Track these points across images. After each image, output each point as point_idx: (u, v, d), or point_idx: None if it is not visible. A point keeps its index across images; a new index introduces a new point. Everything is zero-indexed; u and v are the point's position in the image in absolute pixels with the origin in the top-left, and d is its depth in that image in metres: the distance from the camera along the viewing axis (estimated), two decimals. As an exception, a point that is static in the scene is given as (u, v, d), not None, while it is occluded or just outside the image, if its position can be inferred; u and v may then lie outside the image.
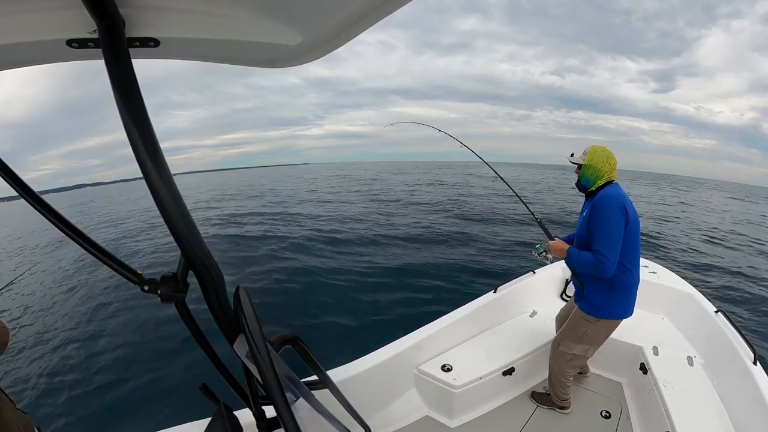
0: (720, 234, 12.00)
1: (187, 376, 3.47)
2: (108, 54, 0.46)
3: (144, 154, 0.47)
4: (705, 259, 8.33)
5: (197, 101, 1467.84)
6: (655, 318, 2.77)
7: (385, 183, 27.40)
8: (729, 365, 2.08)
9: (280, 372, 0.63)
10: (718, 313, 2.48)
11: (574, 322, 2.06)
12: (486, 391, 2.24)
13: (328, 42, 0.62)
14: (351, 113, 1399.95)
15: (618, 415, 2.20)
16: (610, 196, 1.80)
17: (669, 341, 2.47)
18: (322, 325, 4.64)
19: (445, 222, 10.87)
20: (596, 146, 1.91)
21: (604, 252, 1.73)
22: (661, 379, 2.04)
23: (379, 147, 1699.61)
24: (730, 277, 7.09)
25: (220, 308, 0.64)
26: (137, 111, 0.47)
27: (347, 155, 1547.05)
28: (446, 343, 2.41)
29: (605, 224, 1.76)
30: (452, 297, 4.92)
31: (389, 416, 2.08)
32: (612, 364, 2.52)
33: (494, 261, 7.15)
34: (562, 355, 2.10)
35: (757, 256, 9.14)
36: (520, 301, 2.95)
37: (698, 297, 2.76)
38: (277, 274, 6.60)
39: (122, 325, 4.99)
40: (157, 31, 0.53)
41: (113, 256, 0.54)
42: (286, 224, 11.59)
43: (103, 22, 0.45)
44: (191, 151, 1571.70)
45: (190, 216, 0.55)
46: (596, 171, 1.86)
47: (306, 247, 8.43)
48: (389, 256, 7.58)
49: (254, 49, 0.63)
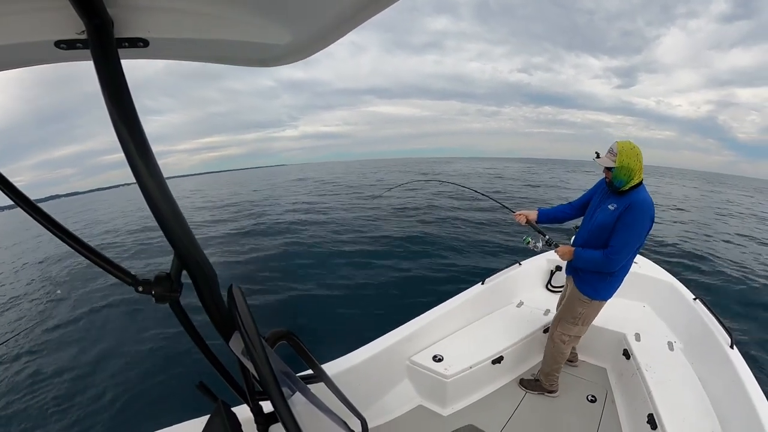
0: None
1: (184, 375, 3.46)
2: (97, 55, 0.45)
3: (135, 154, 0.47)
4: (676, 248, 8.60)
5: (171, 106, 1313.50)
6: (637, 306, 2.87)
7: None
8: (708, 349, 2.16)
9: (276, 367, 0.64)
10: (696, 300, 2.57)
11: (571, 302, 2.14)
12: (476, 380, 2.29)
13: (318, 41, 0.62)
14: (325, 114, 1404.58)
15: (603, 399, 2.29)
16: (648, 204, 1.78)
17: (650, 328, 2.56)
18: (318, 318, 4.67)
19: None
20: (623, 143, 1.79)
21: (620, 251, 1.81)
22: (643, 364, 2.13)
23: (355, 146, 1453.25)
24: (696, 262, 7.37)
25: (215, 306, 0.65)
26: (127, 112, 0.46)
27: (324, 155, 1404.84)
28: (437, 334, 2.46)
29: (635, 229, 1.79)
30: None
31: (384, 407, 2.12)
32: (597, 350, 2.61)
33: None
34: (559, 336, 2.19)
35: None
36: (507, 291, 3.02)
37: (677, 285, 2.87)
38: (270, 271, 6.58)
39: (115, 327, 4.92)
40: (147, 32, 0.52)
41: (107, 257, 0.54)
42: (279, 223, 11.56)
43: (91, 22, 0.45)
44: (167, 157, 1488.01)
45: (182, 216, 0.55)
46: (630, 172, 1.78)
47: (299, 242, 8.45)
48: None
49: (244, 49, 0.63)
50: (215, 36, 0.56)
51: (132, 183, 0.50)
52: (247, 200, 19.72)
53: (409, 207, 12.33)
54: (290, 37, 0.60)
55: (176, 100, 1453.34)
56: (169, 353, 3.93)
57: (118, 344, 4.48)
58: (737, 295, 5.76)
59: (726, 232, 10.78)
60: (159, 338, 4.32)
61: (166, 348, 4.05)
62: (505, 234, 8.41)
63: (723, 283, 6.32)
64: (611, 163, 1.81)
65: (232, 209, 16.53)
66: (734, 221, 13.49)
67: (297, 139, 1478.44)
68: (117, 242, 11.79)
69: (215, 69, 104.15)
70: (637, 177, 1.81)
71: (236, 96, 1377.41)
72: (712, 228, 11.48)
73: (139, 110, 0.47)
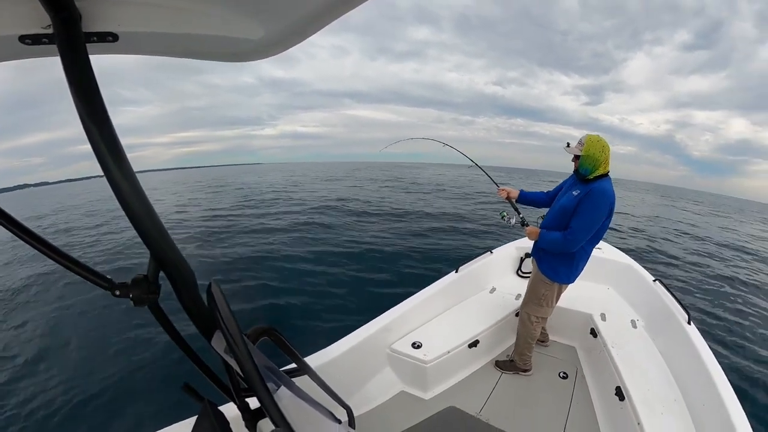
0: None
1: (167, 378, 3.33)
2: (64, 50, 0.43)
3: (105, 153, 0.45)
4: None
5: (148, 98, 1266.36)
6: (602, 288, 3.05)
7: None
8: (667, 326, 2.33)
9: (260, 363, 0.64)
10: (656, 282, 2.76)
11: (535, 284, 2.27)
12: (455, 364, 2.37)
13: (291, 36, 0.61)
14: (304, 114, 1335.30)
15: (574, 375, 2.43)
16: (607, 193, 1.89)
17: (614, 308, 2.73)
18: (296, 311, 4.63)
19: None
20: (591, 136, 1.94)
21: (578, 234, 1.92)
22: (609, 341, 2.27)
23: (332, 148, 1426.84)
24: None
25: (195, 306, 0.64)
26: (96, 109, 0.45)
27: (301, 155, 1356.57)
28: (415, 322, 2.52)
29: (592, 215, 1.90)
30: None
31: (367, 395, 2.16)
32: (566, 330, 2.76)
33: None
34: (528, 317, 2.31)
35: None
36: (480, 279, 3.12)
37: (638, 268, 3.06)
38: (248, 266, 6.44)
39: (91, 333, 4.59)
40: (116, 25, 0.50)
41: (79, 261, 0.52)
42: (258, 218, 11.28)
43: (58, 15, 0.42)
44: (143, 149, 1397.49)
45: (156, 215, 0.53)
46: (594, 161, 1.90)
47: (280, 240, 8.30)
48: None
49: (216, 43, 0.61)
50: (187, 30, 0.54)
51: (102, 175, 0.48)
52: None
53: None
54: (263, 31, 0.58)
55: (154, 92, 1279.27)
56: (152, 355, 3.76)
57: (94, 348, 4.22)
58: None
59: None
60: (138, 341, 4.13)
61: (147, 350, 3.88)
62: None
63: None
64: (578, 151, 1.94)
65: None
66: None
67: (275, 138, 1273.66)
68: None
69: (194, 62, 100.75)
70: (602, 168, 1.92)
71: (216, 91, 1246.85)
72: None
73: (115, 101, 0.44)
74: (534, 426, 2.01)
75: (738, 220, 22.34)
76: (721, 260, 8.55)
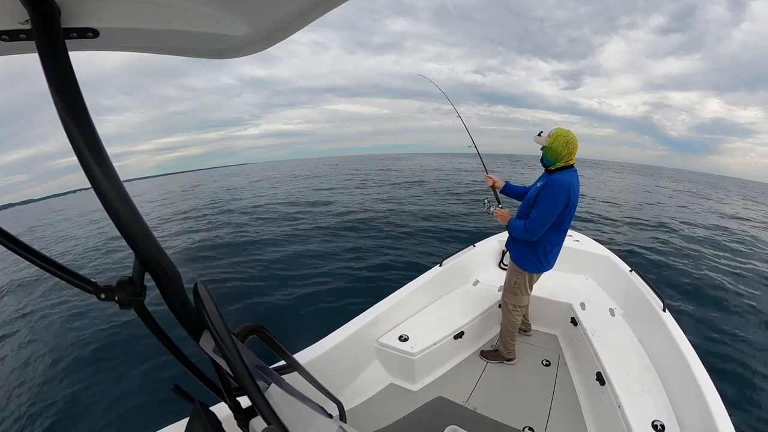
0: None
1: (157, 380, 3.24)
2: (42, 46, 0.41)
3: (87, 154, 0.44)
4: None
5: (129, 104, 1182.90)
6: (581, 279, 3.16)
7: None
8: (644, 313, 2.42)
9: (249, 362, 0.64)
10: (632, 272, 2.86)
11: (509, 273, 2.37)
12: (441, 355, 2.42)
13: (276, 33, 0.60)
14: (286, 112, 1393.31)
15: (557, 362, 2.52)
16: (562, 183, 1.97)
17: (593, 297, 2.83)
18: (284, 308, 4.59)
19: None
20: (560, 130, 2.02)
21: (536, 223, 2.01)
22: (589, 329, 2.36)
23: (316, 144, 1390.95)
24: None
25: (182, 307, 0.63)
26: (77, 108, 0.43)
27: (285, 153, 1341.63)
28: (401, 315, 2.55)
29: (548, 204, 1.98)
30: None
31: (357, 389, 2.18)
32: (547, 320, 2.85)
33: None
34: (506, 306, 2.39)
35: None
36: (463, 272, 3.18)
37: (615, 259, 3.17)
38: (235, 265, 6.33)
39: (75, 338, 4.39)
40: (96, 21, 0.48)
41: (63, 266, 0.51)
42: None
43: (36, 10, 0.41)
44: (126, 158, 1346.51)
45: (141, 216, 0.53)
46: (555, 154, 2.00)
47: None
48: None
49: (200, 40, 0.59)
50: (170, 26, 0.52)
51: (89, 188, 0.46)
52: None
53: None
54: (247, 28, 0.57)
55: (134, 98, 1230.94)
56: (138, 358, 3.65)
57: (76, 353, 4.07)
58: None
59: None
60: (125, 343, 4.01)
61: (135, 353, 3.76)
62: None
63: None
64: (544, 142, 2.04)
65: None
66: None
67: (259, 138, 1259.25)
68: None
69: (174, 64, 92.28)
70: (563, 161, 2.01)
71: (197, 94, 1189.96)
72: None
73: (94, 109, 0.43)
74: (520, 412, 2.07)
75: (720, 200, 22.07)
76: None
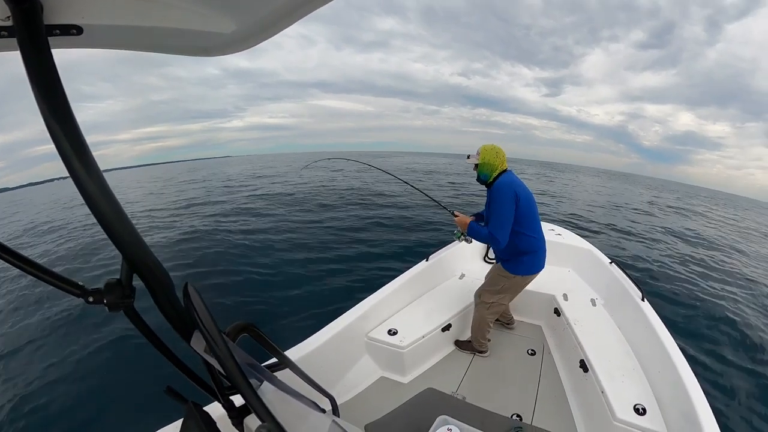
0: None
1: (148, 382, 3.13)
2: (24, 43, 0.40)
3: (70, 152, 0.43)
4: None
5: (109, 92, 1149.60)
6: (563, 271, 3.25)
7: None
8: (623, 303, 2.52)
9: (241, 360, 0.64)
10: (612, 264, 2.97)
11: (493, 277, 2.40)
12: (429, 347, 2.46)
13: (263, 30, 0.59)
14: (271, 105, 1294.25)
15: (541, 351, 2.59)
16: (503, 184, 2.08)
17: (575, 288, 2.92)
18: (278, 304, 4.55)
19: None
20: (486, 145, 2.15)
21: (495, 231, 2.07)
22: (572, 319, 2.43)
23: (300, 139, 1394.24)
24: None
25: (171, 308, 0.63)
26: (59, 106, 0.42)
27: (270, 147, 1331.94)
28: (389, 310, 2.58)
29: (498, 209, 2.07)
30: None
31: (349, 383, 2.21)
32: (531, 311, 2.93)
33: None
34: (482, 304, 2.42)
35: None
36: (449, 266, 3.23)
37: (595, 251, 3.28)
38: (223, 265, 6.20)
39: (65, 343, 4.21)
40: (80, 18, 0.47)
41: (49, 269, 0.50)
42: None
43: (18, 7, 0.39)
44: (105, 148, 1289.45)
45: (127, 216, 0.51)
46: (490, 166, 2.12)
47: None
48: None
49: (186, 37, 0.58)
50: (155, 23, 0.51)
51: (68, 177, 0.45)
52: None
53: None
54: (234, 26, 0.57)
55: (115, 86, 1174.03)
56: (128, 361, 3.54)
57: (64, 357, 3.90)
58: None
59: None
60: (112, 346, 3.88)
61: (124, 356, 3.65)
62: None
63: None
64: (476, 161, 2.15)
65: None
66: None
67: (242, 130, 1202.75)
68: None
69: (157, 54, 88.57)
70: (498, 170, 2.13)
71: (180, 84, 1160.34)
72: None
73: (74, 96, 0.42)
74: (507, 400, 2.13)
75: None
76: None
